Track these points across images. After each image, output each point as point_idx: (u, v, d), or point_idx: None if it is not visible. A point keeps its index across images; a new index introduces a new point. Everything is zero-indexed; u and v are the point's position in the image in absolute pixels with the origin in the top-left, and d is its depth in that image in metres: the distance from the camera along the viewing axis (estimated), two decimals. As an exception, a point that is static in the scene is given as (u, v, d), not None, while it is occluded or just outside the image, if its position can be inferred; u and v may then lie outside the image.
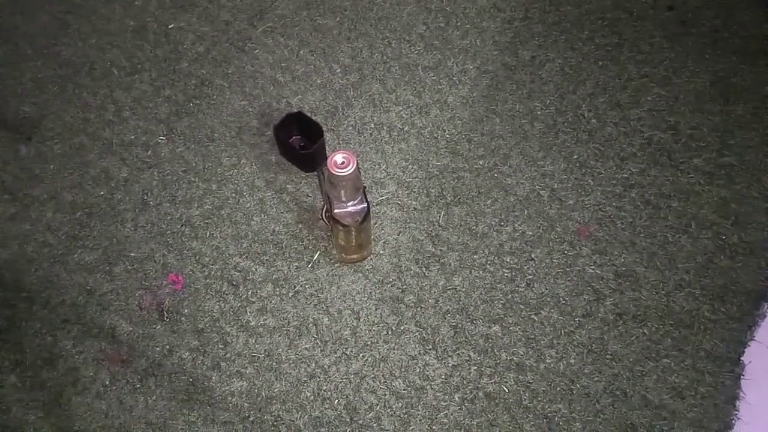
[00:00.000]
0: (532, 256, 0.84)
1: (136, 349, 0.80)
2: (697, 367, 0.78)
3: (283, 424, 0.76)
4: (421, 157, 0.91)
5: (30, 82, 0.98)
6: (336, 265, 0.84)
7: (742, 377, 0.78)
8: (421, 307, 0.82)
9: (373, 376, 0.78)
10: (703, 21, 1.00)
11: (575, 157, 0.91)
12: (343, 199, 0.72)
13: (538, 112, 0.94)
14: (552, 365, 0.78)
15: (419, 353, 0.79)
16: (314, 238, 0.86)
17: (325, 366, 0.79)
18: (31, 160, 0.92)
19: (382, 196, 0.88)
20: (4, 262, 0.85)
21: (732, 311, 0.80)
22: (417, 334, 0.80)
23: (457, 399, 0.77)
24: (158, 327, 0.81)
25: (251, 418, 0.76)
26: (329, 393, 0.77)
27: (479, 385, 0.77)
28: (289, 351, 0.80)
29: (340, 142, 0.93)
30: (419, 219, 0.87)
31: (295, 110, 0.90)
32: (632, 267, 0.83)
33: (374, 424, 0.76)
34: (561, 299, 0.82)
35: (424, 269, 0.84)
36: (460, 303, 0.82)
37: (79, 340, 0.80)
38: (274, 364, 0.79)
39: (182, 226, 0.87)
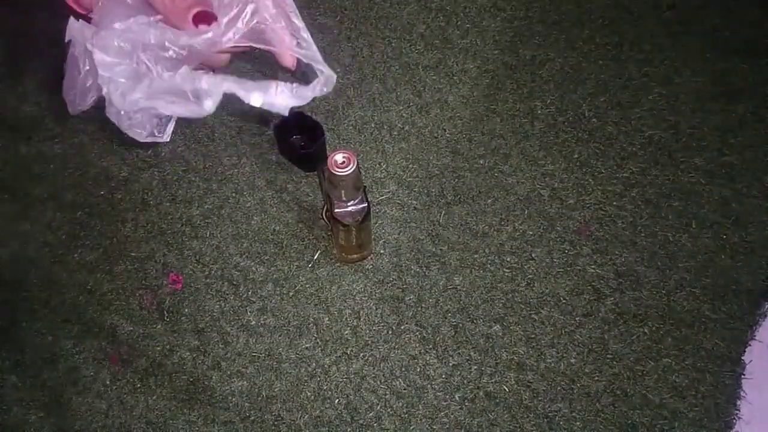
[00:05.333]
0: (533, 255, 0.84)
1: (137, 348, 0.80)
2: (698, 366, 0.78)
3: (283, 423, 0.76)
4: (421, 157, 0.91)
5: (30, 82, 0.98)
6: (336, 264, 0.84)
7: (743, 376, 0.78)
8: (421, 307, 0.82)
9: (373, 375, 0.78)
10: (703, 20, 1.00)
11: (576, 156, 0.91)
12: (344, 198, 0.72)
13: (539, 112, 0.94)
14: (552, 365, 0.78)
15: (420, 353, 0.79)
16: (314, 238, 0.86)
17: (325, 365, 0.79)
18: (31, 160, 0.92)
19: (382, 196, 0.88)
20: (4, 262, 0.85)
21: (733, 310, 0.80)
22: (417, 333, 0.80)
23: (457, 398, 0.77)
24: (158, 326, 0.81)
25: (252, 418, 0.76)
26: (330, 392, 0.77)
27: (480, 385, 0.77)
28: (290, 350, 0.80)
29: (341, 141, 0.93)
30: (420, 218, 0.87)
31: (296, 109, 0.90)
32: (633, 266, 0.83)
33: (375, 424, 0.76)
34: (561, 299, 0.82)
35: (424, 269, 0.84)
36: (461, 302, 0.82)
37: (80, 340, 0.80)
38: (274, 363, 0.79)
39: (182, 225, 0.87)
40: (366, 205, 0.74)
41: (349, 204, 0.73)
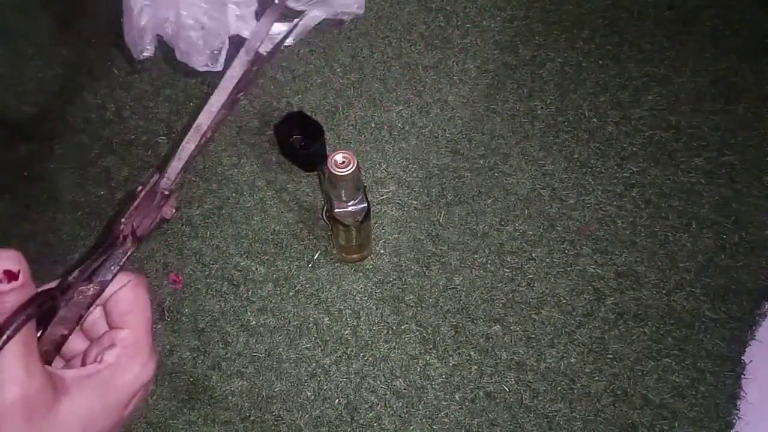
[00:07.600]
0: (533, 255, 0.84)
1: (137, 348, 0.80)
2: (698, 366, 0.78)
3: (283, 423, 0.76)
4: (421, 157, 0.91)
5: (30, 82, 0.98)
6: (336, 264, 0.84)
7: (743, 376, 0.78)
8: (421, 307, 0.82)
9: (373, 375, 0.78)
10: (703, 20, 1.00)
11: (576, 156, 0.90)
12: (344, 198, 0.72)
13: (539, 112, 0.94)
14: (553, 365, 0.78)
15: (420, 353, 0.79)
16: (314, 238, 0.86)
17: (325, 365, 0.79)
18: (31, 160, 0.92)
19: (382, 196, 0.88)
20: (4, 262, 0.85)
21: (733, 310, 0.80)
22: (417, 333, 0.80)
23: (457, 398, 0.77)
24: (159, 326, 0.81)
25: (252, 418, 0.76)
26: (330, 392, 0.77)
27: (480, 385, 0.77)
28: (290, 350, 0.80)
29: (341, 141, 0.93)
30: (420, 218, 0.87)
31: (296, 109, 0.90)
32: (633, 266, 0.83)
33: (375, 424, 0.76)
34: (562, 299, 0.81)
35: (424, 269, 0.84)
36: (461, 302, 0.82)
37: (80, 340, 0.80)
38: (274, 363, 0.79)
39: (182, 225, 0.87)
40: (366, 205, 0.74)
41: (349, 204, 0.73)
